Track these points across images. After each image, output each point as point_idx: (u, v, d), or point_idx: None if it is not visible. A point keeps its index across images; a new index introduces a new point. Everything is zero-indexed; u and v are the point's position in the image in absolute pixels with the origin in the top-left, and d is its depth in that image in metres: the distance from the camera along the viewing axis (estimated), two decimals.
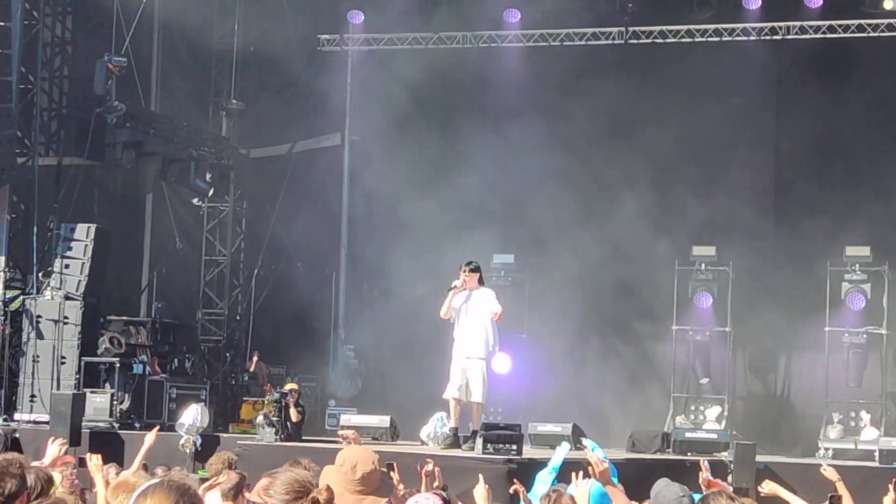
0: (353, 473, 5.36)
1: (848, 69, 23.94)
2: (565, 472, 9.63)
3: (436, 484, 10.26)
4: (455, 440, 16.93)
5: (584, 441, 10.28)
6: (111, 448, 17.50)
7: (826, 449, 21.81)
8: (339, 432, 11.08)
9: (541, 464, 10.38)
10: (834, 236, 22.89)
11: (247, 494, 8.37)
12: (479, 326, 16.71)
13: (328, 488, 5.12)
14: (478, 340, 16.70)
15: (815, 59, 24.01)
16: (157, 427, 14.96)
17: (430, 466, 10.36)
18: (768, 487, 9.92)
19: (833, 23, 23.82)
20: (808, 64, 24.07)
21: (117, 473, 10.53)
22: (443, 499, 6.71)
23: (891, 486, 10.25)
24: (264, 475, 5.69)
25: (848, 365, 23.09)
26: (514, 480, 10.30)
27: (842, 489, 10.31)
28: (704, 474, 9.47)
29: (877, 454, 18.94)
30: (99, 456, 9.74)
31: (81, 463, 11.91)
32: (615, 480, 8.21)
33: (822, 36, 23.96)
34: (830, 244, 22.92)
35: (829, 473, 10.52)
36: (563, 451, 10.55)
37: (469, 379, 16.70)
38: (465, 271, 16.86)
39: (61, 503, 6.32)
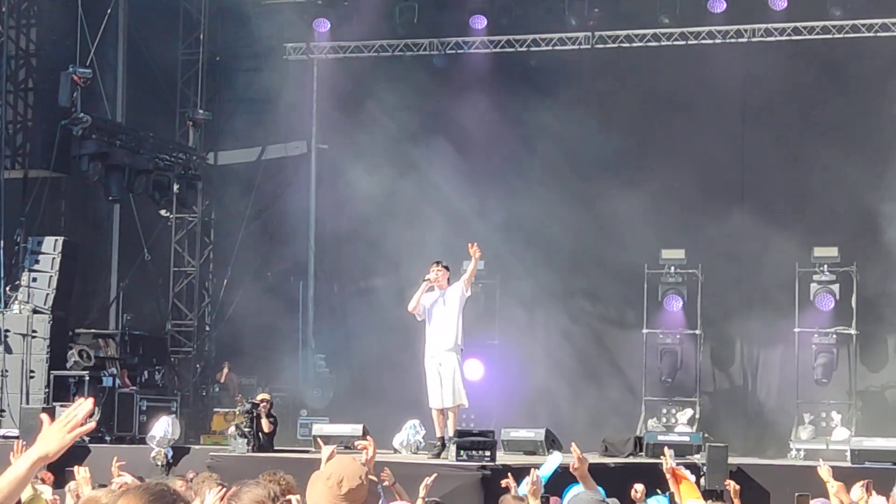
0: (339, 488, 5.32)
1: (812, 71, 24.05)
2: (558, 483, 9.65)
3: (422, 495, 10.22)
4: (440, 450, 16.70)
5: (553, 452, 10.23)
6: (81, 462, 17.35)
7: (798, 449, 21.88)
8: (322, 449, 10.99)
9: (522, 470, 10.32)
10: (802, 237, 22.99)
11: None
12: (450, 323, 16.68)
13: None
14: (448, 336, 16.63)
15: (782, 61, 24.09)
16: None
17: (430, 480, 10.37)
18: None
19: (799, 24, 23.92)
20: (775, 66, 24.14)
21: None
22: None
23: (859, 486, 10.28)
24: (237, 484, 5.68)
25: (818, 365, 23.18)
26: (510, 474, 10.20)
27: (841, 493, 10.18)
28: (669, 462, 9.40)
29: (848, 454, 18.98)
30: (87, 468, 9.68)
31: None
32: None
33: (787, 38, 24.06)
34: (799, 245, 23.00)
35: (823, 473, 10.42)
36: (555, 460, 10.41)
37: (443, 382, 16.54)
38: (437, 268, 16.85)
39: None
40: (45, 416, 4.59)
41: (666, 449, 9.91)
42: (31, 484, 8.85)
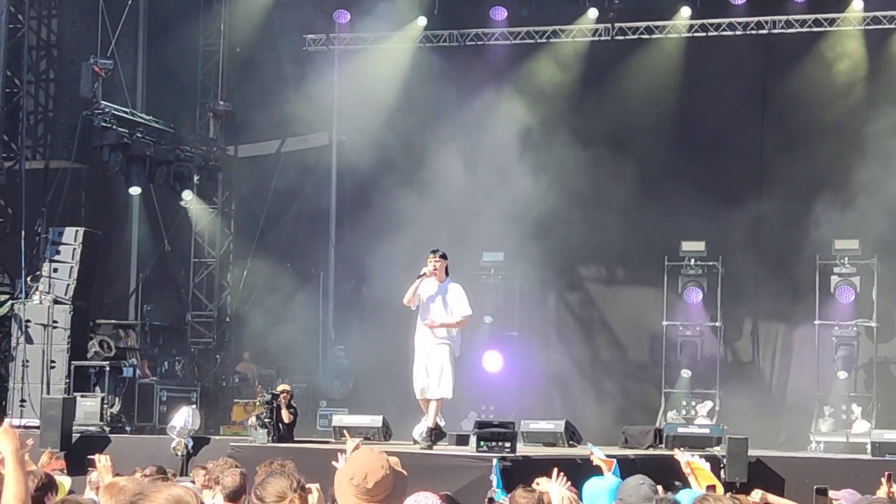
0: (366, 484, 5.32)
1: (833, 62, 23.95)
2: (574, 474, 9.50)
3: None
4: (431, 440, 16.33)
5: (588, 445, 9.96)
6: (101, 452, 17.41)
7: (818, 442, 21.85)
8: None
9: (537, 462, 10.27)
10: (823, 230, 22.91)
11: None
12: (443, 317, 16.20)
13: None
14: (440, 330, 16.18)
15: (802, 52, 24.01)
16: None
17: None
18: (758, 496, 9.74)
19: (819, 16, 23.83)
20: (795, 57, 24.07)
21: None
22: (445, 498, 6.69)
23: (883, 480, 10.24)
24: (262, 469, 5.69)
25: (838, 358, 23.12)
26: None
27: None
28: (683, 457, 9.34)
29: (868, 447, 18.92)
30: (108, 457, 9.68)
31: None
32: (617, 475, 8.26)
33: (808, 30, 23.98)
34: (819, 238, 22.93)
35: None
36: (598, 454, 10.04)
37: (429, 373, 16.16)
38: (434, 258, 16.31)
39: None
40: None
41: (676, 450, 9.90)
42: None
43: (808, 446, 21.84)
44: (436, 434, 16.38)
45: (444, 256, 16.45)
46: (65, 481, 9.17)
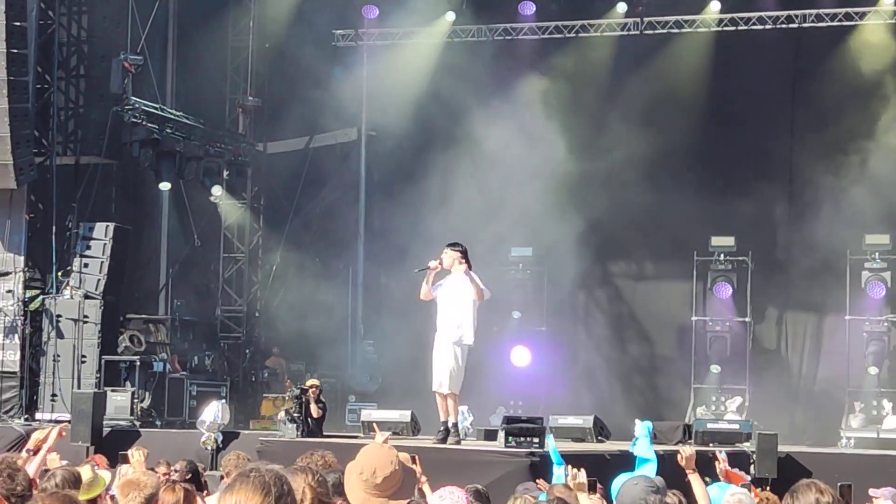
0: (375, 478, 5.34)
1: (863, 56, 23.83)
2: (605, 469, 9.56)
3: None
4: (444, 435, 16.06)
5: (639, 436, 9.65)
6: (132, 447, 17.48)
7: (848, 438, 21.76)
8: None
9: (565, 457, 10.24)
10: (853, 225, 22.82)
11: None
12: (462, 312, 15.90)
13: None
14: (456, 330, 15.88)
15: (832, 46, 23.90)
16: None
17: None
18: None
19: (850, 10, 23.72)
20: (825, 51, 23.96)
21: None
22: (472, 492, 6.69)
23: None
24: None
25: (868, 353, 23.03)
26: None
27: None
28: (722, 465, 9.34)
29: None
30: (142, 451, 9.68)
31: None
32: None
33: (838, 24, 23.86)
34: (849, 233, 22.84)
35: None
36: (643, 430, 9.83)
37: (443, 368, 15.91)
38: (451, 251, 16.00)
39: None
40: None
41: (718, 453, 9.85)
42: (89, 466, 8.90)
43: (839, 442, 21.76)
44: (451, 432, 16.15)
45: (463, 252, 16.11)
46: (105, 475, 9.18)
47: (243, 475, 4.27)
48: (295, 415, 18.18)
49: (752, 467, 17.19)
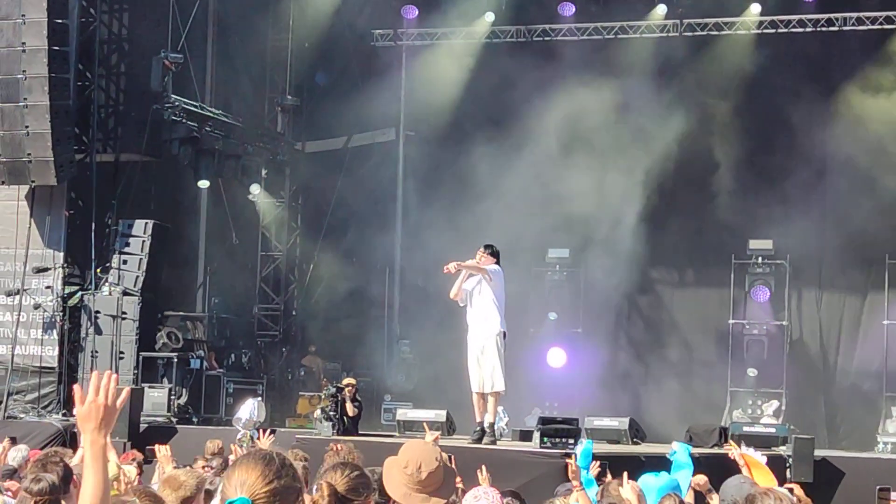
0: (420, 474, 5.33)
1: None
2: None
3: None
4: (480, 435, 16.21)
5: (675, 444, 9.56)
6: (165, 442, 17.58)
7: (885, 443, 21.64)
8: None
9: (601, 459, 10.18)
10: (892, 228, 22.70)
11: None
12: (490, 308, 16.03)
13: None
14: (489, 322, 15.99)
15: (872, 49, 23.78)
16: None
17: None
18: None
19: (891, 14, 23.59)
20: (865, 55, 23.83)
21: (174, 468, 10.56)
22: (508, 494, 6.70)
23: None
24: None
25: None
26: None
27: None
28: (734, 452, 9.15)
29: None
30: (167, 447, 9.77)
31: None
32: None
33: (878, 27, 23.74)
34: (890, 237, 22.72)
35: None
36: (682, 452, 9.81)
37: (483, 367, 15.99)
38: (483, 253, 16.24)
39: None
40: (76, 388, 4.46)
41: (727, 444, 9.78)
42: (114, 462, 8.93)
43: (876, 447, 21.65)
44: (487, 432, 16.19)
45: (495, 254, 16.29)
46: (129, 469, 9.24)
47: (244, 455, 4.35)
48: (330, 413, 18.25)
49: (787, 471, 17.11)
